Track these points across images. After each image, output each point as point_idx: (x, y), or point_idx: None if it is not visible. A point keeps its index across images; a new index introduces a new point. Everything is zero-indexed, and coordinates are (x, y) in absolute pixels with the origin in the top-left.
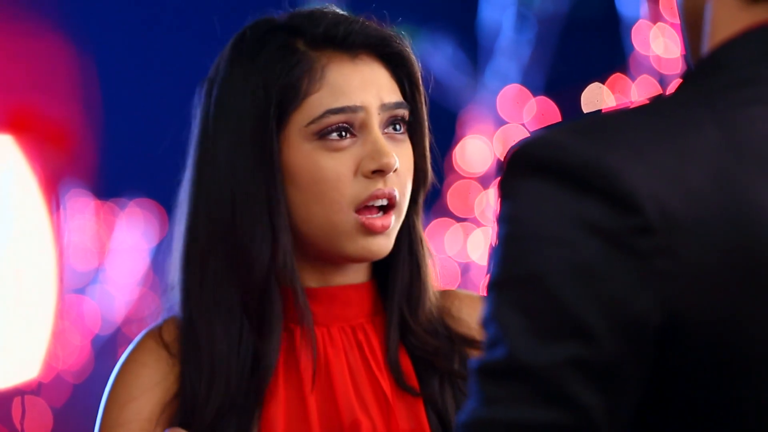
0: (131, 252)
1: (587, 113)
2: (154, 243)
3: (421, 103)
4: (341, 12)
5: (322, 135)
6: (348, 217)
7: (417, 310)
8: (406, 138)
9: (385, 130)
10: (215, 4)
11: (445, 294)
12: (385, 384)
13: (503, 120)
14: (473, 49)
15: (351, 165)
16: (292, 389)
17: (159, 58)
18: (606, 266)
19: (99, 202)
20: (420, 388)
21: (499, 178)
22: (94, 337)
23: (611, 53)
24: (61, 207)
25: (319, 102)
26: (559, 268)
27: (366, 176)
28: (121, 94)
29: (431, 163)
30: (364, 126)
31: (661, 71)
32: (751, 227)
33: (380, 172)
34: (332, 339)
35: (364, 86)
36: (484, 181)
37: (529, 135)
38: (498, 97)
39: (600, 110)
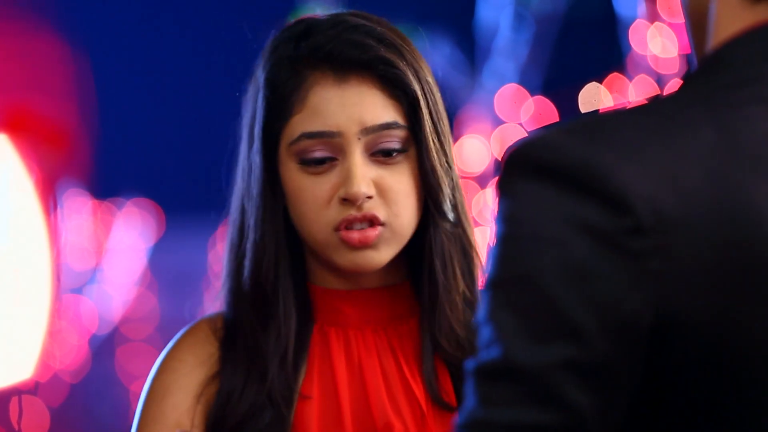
0: (128, 251)
1: (585, 113)
2: (151, 242)
3: (423, 119)
4: (357, 22)
5: (301, 159)
6: (330, 236)
7: (441, 324)
8: (401, 160)
9: (374, 155)
10: (212, 4)
11: None
12: (419, 391)
13: (501, 120)
14: (471, 48)
15: (328, 189)
16: (326, 390)
17: (155, 57)
18: (598, 266)
19: (96, 201)
20: (457, 402)
21: (496, 178)
22: (91, 337)
23: (609, 53)
24: (58, 207)
25: (299, 124)
26: (552, 269)
27: (340, 202)
28: (117, 94)
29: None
30: (342, 151)
31: (659, 71)
32: (745, 227)
33: (349, 201)
34: (366, 342)
35: (344, 110)
36: (481, 181)
37: (526, 135)
38: (495, 96)
39: (597, 110)
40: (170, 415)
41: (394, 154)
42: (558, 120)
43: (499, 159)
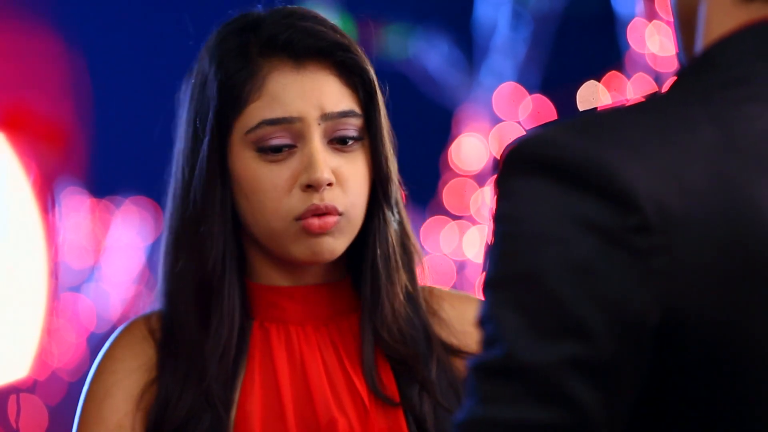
0: (127, 250)
1: (583, 111)
2: (149, 241)
3: (379, 111)
4: (303, 13)
5: (259, 146)
6: (289, 225)
7: (383, 317)
8: (357, 149)
9: (330, 142)
10: (210, 3)
11: (432, 293)
12: (361, 386)
13: (499, 118)
14: (468, 46)
15: (288, 177)
16: (268, 387)
17: (152, 55)
18: (603, 264)
19: (94, 199)
20: (399, 395)
21: (495, 176)
22: (89, 335)
23: (607, 51)
24: (56, 205)
25: (256, 111)
26: (556, 267)
27: (302, 189)
28: (114, 91)
29: (413, 162)
30: (302, 137)
31: (657, 69)
32: (748, 225)
33: (313, 187)
34: (307, 337)
35: (304, 96)
36: (479, 179)
37: (525, 133)
38: (493, 94)
39: (595, 108)
40: (110, 417)
41: (350, 142)
42: (556, 118)
43: (498, 157)
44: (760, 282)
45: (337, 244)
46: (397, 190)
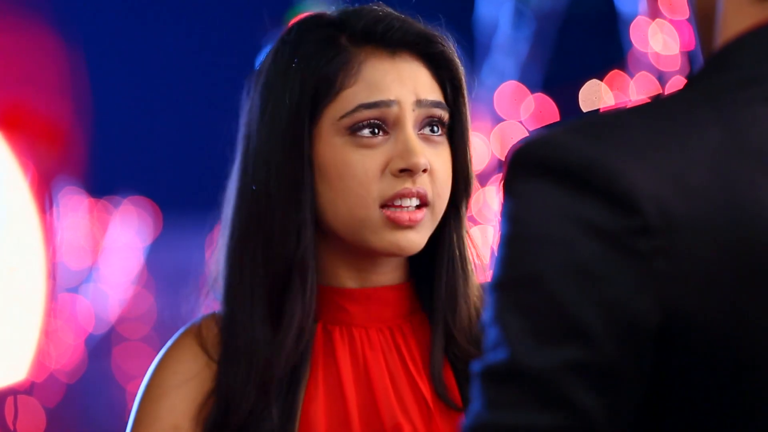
0: (125, 250)
1: (587, 112)
2: (148, 241)
3: (464, 107)
4: (389, 10)
5: (353, 130)
6: (374, 213)
7: (460, 318)
8: (443, 141)
9: (421, 131)
10: (209, 2)
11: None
12: (426, 390)
13: (500, 117)
14: (470, 45)
15: (380, 162)
16: (332, 390)
17: (151, 54)
18: (605, 267)
19: (92, 199)
20: (462, 402)
21: (497, 177)
22: (87, 337)
23: (609, 50)
24: (54, 205)
25: (353, 96)
26: (558, 269)
27: (394, 174)
28: (113, 91)
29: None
30: (397, 123)
31: (660, 68)
32: (752, 227)
33: (408, 172)
34: (370, 340)
35: (401, 81)
36: (481, 179)
37: (526, 132)
38: (495, 93)
39: (598, 108)
40: (166, 417)
41: (438, 132)
42: (558, 117)
43: (499, 157)
44: (763, 284)
45: (419, 238)
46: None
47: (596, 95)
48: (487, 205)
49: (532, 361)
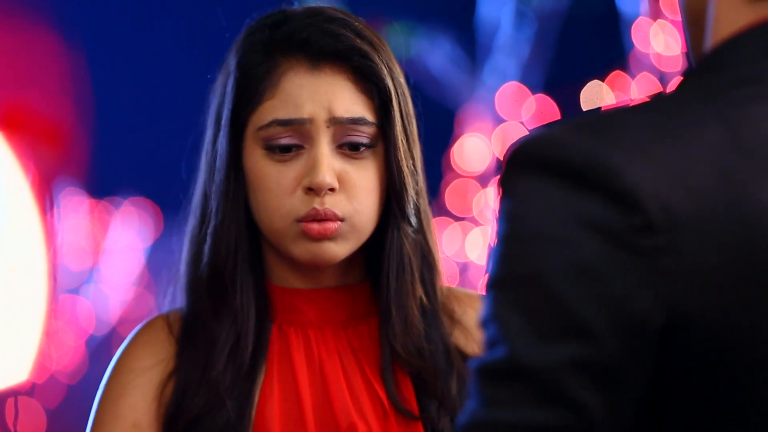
0: (126, 251)
1: (587, 111)
2: (149, 242)
3: (394, 120)
4: (331, 14)
5: (268, 145)
6: (290, 225)
7: (394, 330)
8: (368, 156)
9: (340, 147)
10: (209, 2)
11: (455, 297)
12: (381, 392)
13: (502, 118)
14: (471, 46)
15: (292, 178)
16: (287, 390)
17: (152, 55)
18: (607, 265)
19: (93, 200)
20: (419, 408)
21: (499, 176)
22: (88, 338)
23: (611, 50)
24: (55, 206)
25: (271, 109)
26: (559, 267)
27: (304, 192)
28: (114, 91)
29: (423, 167)
30: (310, 139)
31: (662, 69)
32: (754, 225)
33: (314, 190)
34: (326, 341)
35: (316, 97)
36: (482, 180)
37: (528, 133)
38: (496, 94)
39: (599, 108)
40: (126, 415)
41: (361, 149)
42: (560, 118)
43: (500, 158)
44: (764, 284)
45: (338, 249)
46: (417, 202)
47: (598, 96)
48: (488, 206)
49: (533, 359)
